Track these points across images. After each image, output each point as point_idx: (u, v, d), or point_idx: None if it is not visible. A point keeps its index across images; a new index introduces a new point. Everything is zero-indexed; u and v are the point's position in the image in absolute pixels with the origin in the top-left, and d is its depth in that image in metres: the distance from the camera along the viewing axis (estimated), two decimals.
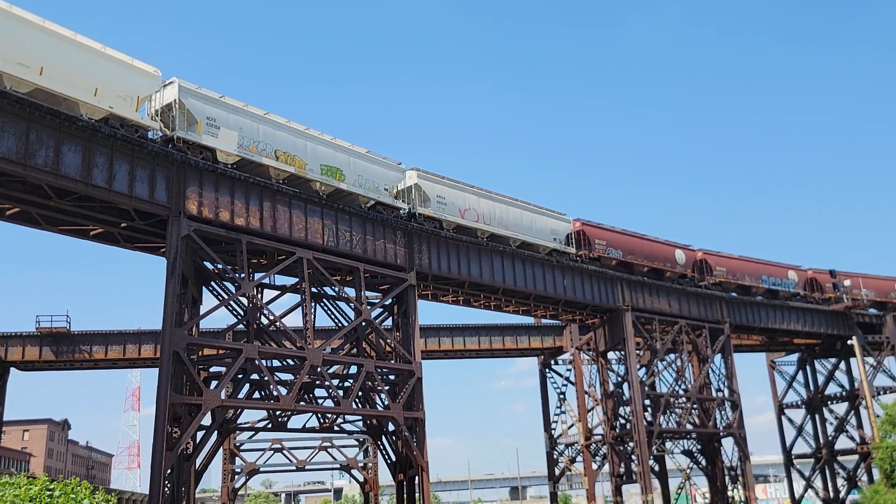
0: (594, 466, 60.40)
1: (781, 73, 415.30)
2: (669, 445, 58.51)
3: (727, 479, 58.86)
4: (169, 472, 31.54)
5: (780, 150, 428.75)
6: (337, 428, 42.89)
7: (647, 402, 53.77)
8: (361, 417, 41.28)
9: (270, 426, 41.91)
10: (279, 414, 39.44)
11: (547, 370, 67.12)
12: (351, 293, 40.14)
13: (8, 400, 56.95)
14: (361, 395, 39.34)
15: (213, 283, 37.82)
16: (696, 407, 56.68)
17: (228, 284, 37.23)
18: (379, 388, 39.41)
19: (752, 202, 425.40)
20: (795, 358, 76.41)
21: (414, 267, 41.71)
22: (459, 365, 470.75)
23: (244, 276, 34.63)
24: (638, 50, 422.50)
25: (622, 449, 54.80)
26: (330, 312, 41.40)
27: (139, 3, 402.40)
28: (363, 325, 40.41)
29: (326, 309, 41.34)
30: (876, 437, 66.07)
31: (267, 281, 38.81)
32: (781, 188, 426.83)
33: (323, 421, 41.25)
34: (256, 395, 38.06)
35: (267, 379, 35.09)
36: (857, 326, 69.86)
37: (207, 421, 34.35)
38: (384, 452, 42.58)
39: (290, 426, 41.78)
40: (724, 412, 58.68)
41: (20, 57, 27.53)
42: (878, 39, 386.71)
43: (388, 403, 38.89)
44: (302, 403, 38.01)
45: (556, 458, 65.50)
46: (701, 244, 67.54)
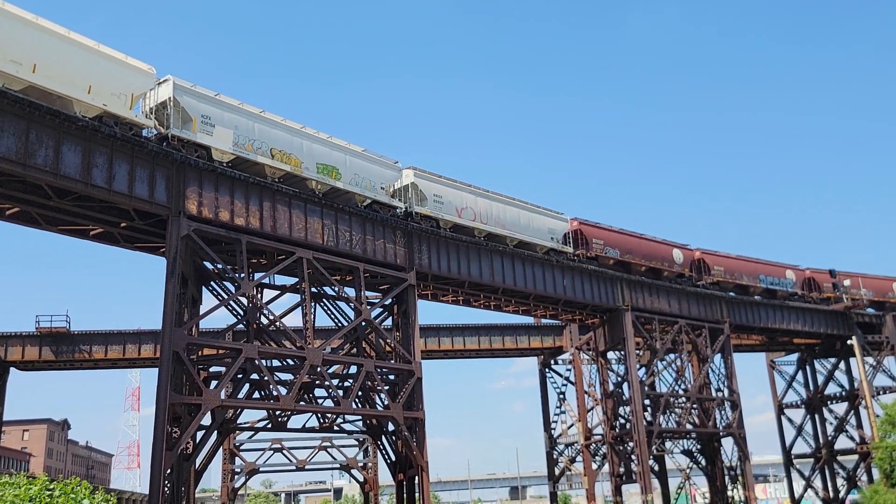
0: (594, 466, 60.41)
1: (781, 73, 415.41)
2: (669, 445, 58.50)
3: (727, 478, 58.86)
4: (169, 471, 31.56)
5: (779, 150, 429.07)
6: (337, 428, 42.91)
7: (646, 401, 53.78)
8: (361, 417, 41.31)
9: (270, 426, 41.92)
10: (279, 414, 39.44)
11: (547, 370, 67.14)
12: (351, 293, 40.17)
13: (8, 400, 56.95)
14: (361, 394, 39.35)
15: (212, 282, 37.83)
16: (695, 407, 56.70)
17: (228, 284, 37.25)
18: (379, 387, 39.42)
19: (751, 202, 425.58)
20: (795, 358, 76.46)
21: (414, 267, 41.73)
22: (459, 365, 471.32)
23: (244, 275, 34.62)
24: (638, 50, 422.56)
25: (622, 449, 54.81)
26: (330, 312, 41.42)
27: (139, 3, 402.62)
28: (363, 324, 40.41)
29: (326, 309, 41.36)
30: (875, 436, 66.09)
31: (267, 281, 38.84)
32: (781, 188, 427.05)
33: (323, 421, 41.26)
34: (256, 394, 38.09)
35: (267, 379, 35.10)
36: (856, 326, 69.92)
37: (207, 421, 34.39)
38: (384, 452, 42.60)
39: (289, 426, 41.83)
40: (723, 412, 58.69)
41: (13, 54, 27.41)
42: (878, 39, 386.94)
43: (387, 403, 38.90)
44: (302, 403, 38.01)
45: (555, 457, 65.53)
46: (700, 244, 67.81)
